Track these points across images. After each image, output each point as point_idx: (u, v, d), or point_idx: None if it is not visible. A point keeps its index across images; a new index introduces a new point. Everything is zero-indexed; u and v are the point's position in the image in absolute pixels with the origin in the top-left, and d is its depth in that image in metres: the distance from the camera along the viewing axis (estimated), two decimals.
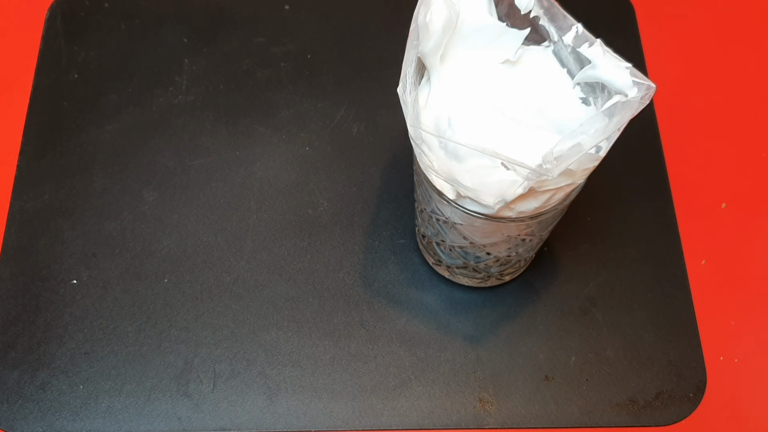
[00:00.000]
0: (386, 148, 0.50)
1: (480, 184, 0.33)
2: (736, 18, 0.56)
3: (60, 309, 0.45)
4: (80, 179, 0.48)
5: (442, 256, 0.43)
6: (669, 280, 0.46)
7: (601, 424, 0.42)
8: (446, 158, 0.34)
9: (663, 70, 0.53)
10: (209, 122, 0.51)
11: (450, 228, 0.39)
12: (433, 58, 0.35)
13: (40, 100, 0.51)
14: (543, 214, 0.36)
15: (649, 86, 0.32)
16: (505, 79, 0.36)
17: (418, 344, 0.44)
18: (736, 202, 0.49)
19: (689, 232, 0.47)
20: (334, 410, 0.42)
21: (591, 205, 0.47)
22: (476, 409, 0.43)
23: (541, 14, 0.36)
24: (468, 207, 0.36)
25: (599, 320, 0.45)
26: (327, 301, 0.45)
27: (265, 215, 0.48)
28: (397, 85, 0.33)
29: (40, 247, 0.46)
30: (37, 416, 0.42)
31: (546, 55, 0.37)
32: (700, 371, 0.44)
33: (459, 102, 0.35)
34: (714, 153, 0.50)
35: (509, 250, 0.40)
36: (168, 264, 0.46)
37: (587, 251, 0.47)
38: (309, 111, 0.51)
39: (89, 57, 0.53)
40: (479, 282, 0.45)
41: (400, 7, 0.54)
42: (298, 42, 0.54)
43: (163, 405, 0.42)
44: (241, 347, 0.44)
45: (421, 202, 0.40)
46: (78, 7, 0.55)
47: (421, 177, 0.37)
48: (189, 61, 0.53)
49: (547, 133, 0.35)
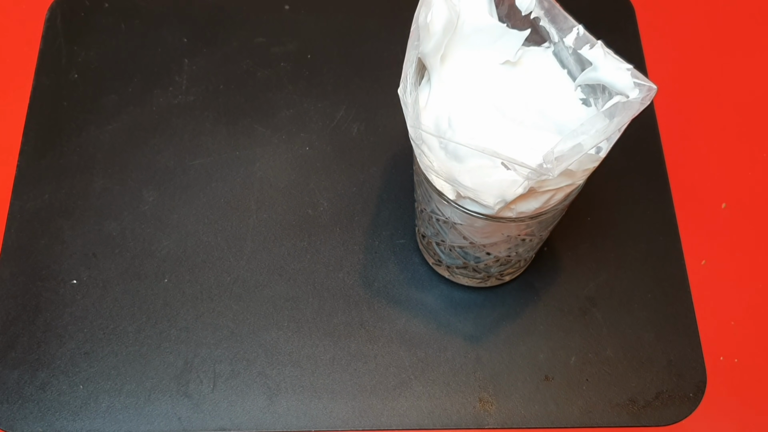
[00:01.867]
0: (386, 148, 0.50)
1: (480, 184, 0.34)
2: (736, 18, 0.56)
3: (60, 309, 0.45)
4: (80, 179, 0.48)
5: (442, 256, 0.43)
6: (669, 280, 0.46)
7: (601, 424, 0.42)
8: (446, 158, 0.34)
9: (663, 70, 0.53)
10: (209, 122, 0.51)
11: (450, 228, 0.39)
12: (433, 58, 0.35)
13: (40, 100, 0.51)
14: (543, 214, 0.36)
15: (650, 87, 0.32)
16: (505, 79, 0.36)
17: (418, 344, 0.44)
18: (736, 202, 0.49)
19: (689, 232, 0.47)
20: (334, 410, 0.42)
21: (591, 205, 0.47)
22: (476, 409, 0.43)
23: (541, 15, 0.36)
24: (468, 207, 0.36)
25: (599, 320, 0.45)
26: (327, 301, 0.45)
27: (265, 215, 0.48)
28: (398, 86, 0.34)
29: (40, 247, 0.46)
30: (37, 416, 0.42)
31: (546, 55, 0.37)
32: (700, 371, 0.44)
33: (459, 102, 0.35)
34: (714, 153, 0.50)
35: (509, 250, 0.40)
36: (168, 264, 0.46)
37: (587, 251, 0.47)
38: (309, 111, 0.51)
39: (89, 57, 0.53)
40: (479, 282, 0.45)
41: (400, 8, 0.54)
42: (298, 42, 0.54)
43: (163, 405, 0.42)
44: (241, 347, 0.44)
45: (421, 202, 0.40)
46: (78, 7, 0.55)
47: (421, 177, 0.37)
48: (189, 61, 0.53)
49: (548, 134, 0.35)
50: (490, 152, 0.32)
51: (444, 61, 0.36)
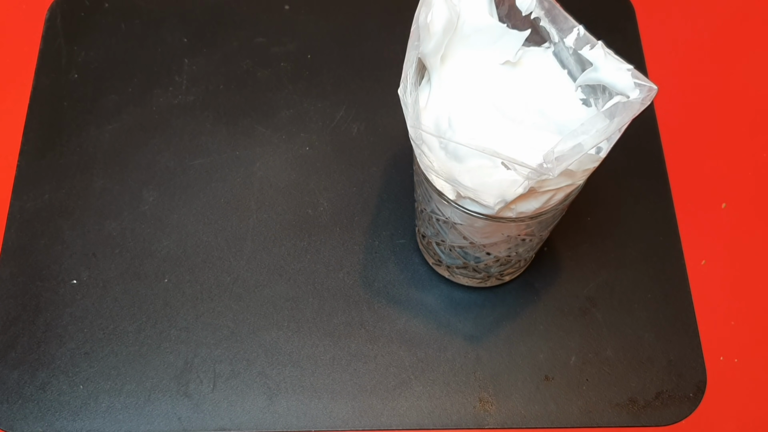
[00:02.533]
0: (386, 148, 0.50)
1: (480, 184, 0.34)
2: (736, 18, 0.56)
3: (60, 309, 0.45)
4: (80, 179, 0.48)
5: (442, 256, 0.43)
6: (669, 280, 0.46)
7: (601, 424, 0.42)
8: (446, 158, 0.34)
9: (663, 70, 0.53)
10: (209, 122, 0.51)
11: (450, 228, 0.39)
12: (433, 58, 0.35)
13: (40, 100, 0.51)
14: (543, 214, 0.36)
15: (650, 88, 0.32)
16: (505, 80, 0.36)
17: (418, 344, 0.44)
18: (736, 202, 0.49)
19: (689, 232, 0.47)
20: (334, 410, 0.42)
21: (591, 205, 0.47)
22: (476, 409, 0.43)
23: (542, 15, 0.36)
24: (468, 207, 0.36)
25: (599, 320, 0.45)
26: (327, 301, 0.45)
27: (265, 215, 0.48)
28: (398, 86, 0.34)
29: (40, 247, 0.46)
30: (37, 416, 0.42)
31: (546, 56, 0.37)
32: (700, 371, 0.44)
33: (459, 103, 0.35)
34: (714, 153, 0.50)
35: (509, 250, 0.40)
36: (168, 264, 0.46)
37: (587, 251, 0.47)
38: (309, 111, 0.51)
39: (89, 57, 0.53)
40: (479, 282, 0.45)
41: (400, 8, 0.54)
42: (298, 42, 0.54)
43: (163, 405, 0.42)
44: (241, 347, 0.44)
45: (421, 202, 0.40)
46: (78, 7, 0.55)
47: (421, 177, 0.37)
48: (189, 61, 0.53)
49: (548, 134, 0.35)
50: (490, 152, 0.32)
51: (444, 62, 0.36)
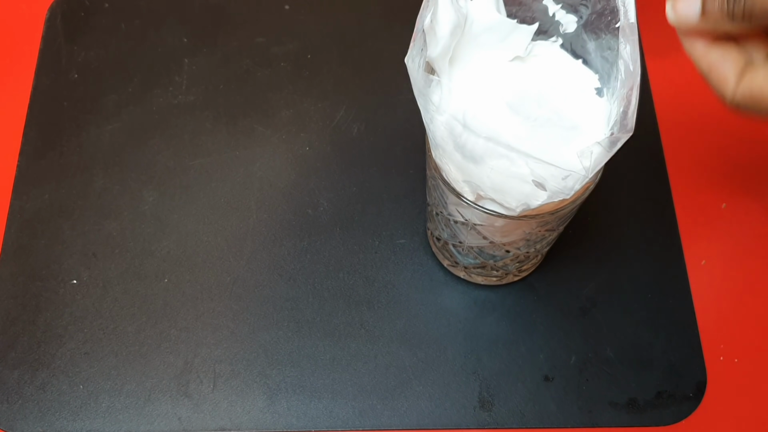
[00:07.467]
0: (386, 148, 0.50)
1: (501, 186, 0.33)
2: None
3: (60, 309, 0.45)
4: (80, 179, 0.48)
5: (458, 257, 0.43)
6: (669, 280, 0.46)
7: (601, 424, 0.42)
8: (463, 161, 0.34)
9: (663, 70, 0.53)
10: (209, 122, 0.51)
11: (469, 229, 0.38)
12: (442, 62, 0.35)
13: (40, 100, 0.51)
14: (562, 209, 0.36)
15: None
16: (516, 76, 0.36)
17: (418, 344, 0.44)
18: (736, 202, 0.49)
19: (689, 232, 0.47)
20: (334, 410, 0.42)
21: (591, 205, 0.47)
22: (476, 409, 0.43)
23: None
24: (488, 207, 0.35)
25: (599, 320, 0.45)
26: (327, 301, 0.45)
27: (265, 215, 0.48)
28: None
29: (40, 247, 0.46)
30: (37, 416, 0.42)
31: (555, 48, 0.37)
32: (700, 371, 0.44)
33: (472, 103, 0.35)
34: (714, 153, 0.50)
35: (528, 245, 0.40)
36: (168, 264, 0.46)
37: (587, 251, 0.47)
38: (309, 111, 0.51)
39: (89, 57, 0.53)
40: (497, 280, 0.45)
41: (400, 8, 0.54)
42: (298, 42, 0.54)
43: (163, 405, 0.42)
44: (241, 347, 0.44)
45: (435, 206, 0.40)
46: (78, 7, 0.55)
47: (437, 180, 0.37)
48: (189, 61, 0.53)
49: (562, 131, 0.35)
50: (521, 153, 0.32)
51: (453, 64, 0.35)
